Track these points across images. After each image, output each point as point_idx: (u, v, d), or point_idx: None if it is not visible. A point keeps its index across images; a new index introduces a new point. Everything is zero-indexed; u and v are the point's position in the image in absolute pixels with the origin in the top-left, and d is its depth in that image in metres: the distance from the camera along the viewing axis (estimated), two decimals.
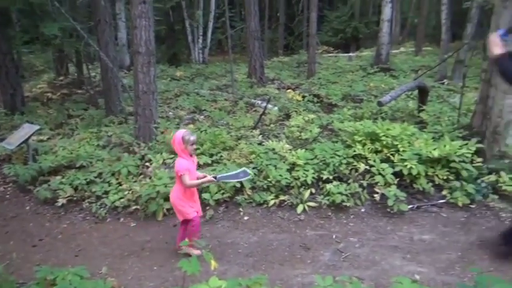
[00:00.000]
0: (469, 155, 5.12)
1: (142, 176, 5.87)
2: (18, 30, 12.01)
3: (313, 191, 5.19)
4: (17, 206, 5.73)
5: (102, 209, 5.29)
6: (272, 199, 5.12)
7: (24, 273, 3.82)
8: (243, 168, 4.11)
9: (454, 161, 5.05)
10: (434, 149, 5.15)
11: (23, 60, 17.21)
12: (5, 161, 6.83)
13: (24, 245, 4.70)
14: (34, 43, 18.21)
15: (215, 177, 4.01)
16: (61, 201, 5.53)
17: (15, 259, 4.08)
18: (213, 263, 3.10)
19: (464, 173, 4.97)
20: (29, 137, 6.52)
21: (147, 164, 6.12)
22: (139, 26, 6.52)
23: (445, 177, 5.06)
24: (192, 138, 3.98)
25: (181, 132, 4.01)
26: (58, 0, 9.35)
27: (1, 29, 9.35)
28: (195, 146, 4.07)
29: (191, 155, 4.06)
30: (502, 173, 4.94)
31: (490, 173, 5.05)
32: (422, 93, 7.20)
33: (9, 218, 5.41)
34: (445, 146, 5.16)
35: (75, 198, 5.63)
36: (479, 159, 5.19)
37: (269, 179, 5.28)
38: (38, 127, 6.88)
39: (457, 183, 4.94)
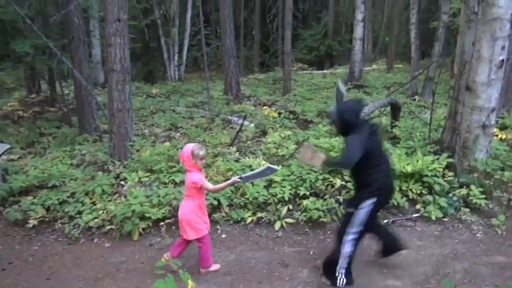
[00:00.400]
0: (441, 170, 5.28)
1: (117, 195, 5.76)
2: None
3: (291, 207, 5.21)
4: None
5: (75, 230, 5.15)
6: (249, 216, 5.11)
7: None
8: (267, 165, 3.87)
9: (426, 176, 5.19)
10: (408, 164, 5.29)
11: None
12: None
13: None
14: (5, 60, 17.81)
15: (240, 178, 3.87)
16: (32, 222, 5.34)
17: None
18: (190, 283, 3.06)
19: (437, 187, 5.11)
20: None
21: (122, 182, 6.01)
22: (114, 43, 6.48)
23: (418, 192, 5.19)
24: (202, 152, 3.88)
25: (190, 146, 3.91)
26: (30, 17, 9.21)
27: None
28: (204, 161, 3.99)
29: (200, 170, 3.97)
30: (472, 187, 5.11)
31: (461, 187, 5.22)
32: (395, 110, 7.41)
33: None
34: (417, 161, 5.31)
35: (47, 219, 5.45)
36: (451, 174, 5.36)
37: (246, 196, 5.28)
38: (8, 146, 6.67)
39: (430, 198, 5.07)
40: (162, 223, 5.06)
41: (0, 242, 5.16)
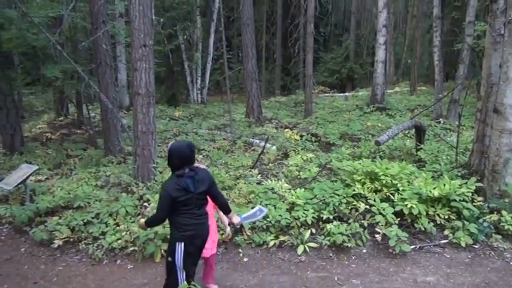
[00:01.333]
0: (469, 194, 5.11)
1: (140, 216, 5.79)
2: (20, 72, 12.24)
3: (314, 231, 5.12)
4: (11, 248, 5.61)
5: (98, 251, 5.18)
6: (272, 240, 5.04)
7: None
8: (258, 207, 4.00)
9: (454, 200, 5.04)
10: (434, 188, 5.15)
11: (24, 101, 17.42)
12: (1, 202, 6.74)
13: None
14: (35, 84, 18.52)
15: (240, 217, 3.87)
16: (57, 242, 5.41)
17: None
18: None
19: (466, 213, 4.94)
20: (27, 178, 6.47)
21: (146, 204, 6.05)
22: (139, 68, 6.66)
23: (446, 217, 5.03)
24: None
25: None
26: (60, 44, 9.60)
27: (3, 71, 9.52)
28: None
29: None
30: (504, 212, 4.92)
31: (491, 212, 5.03)
32: (419, 132, 7.29)
33: (3, 261, 5.27)
34: (444, 185, 5.16)
35: (71, 240, 5.52)
36: (480, 198, 5.19)
37: (268, 219, 5.22)
38: (36, 167, 6.85)
39: (458, 223, 4.90)
40: None
41: (26, 262, 5.23)
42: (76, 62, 9.30)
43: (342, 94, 20.13)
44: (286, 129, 10.95)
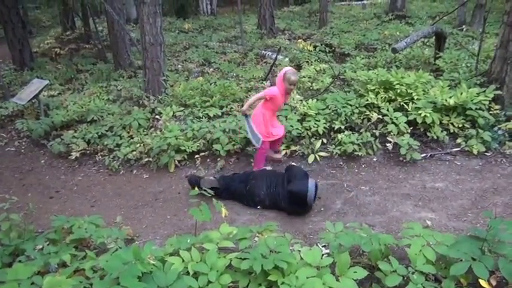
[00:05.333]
0: (486, 102, 4.97)
1: (152, 129, 5.88)
2: None
3: (325, 141, 5.13)
4: (32, 160, 5.83)
5: (115, 162, 5.35)
6: (283, 149, 5.09)
7: (42, 223, 3.92)
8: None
9: (470, 109, 4.91)
10: (450, 97, 5.00)
11: (30, 16, 16.96)
12: (17, 117, 6.87)
13: (41, 196, 4.82)
14: None
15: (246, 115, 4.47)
16: (74, 154, 5.60)
17: (33, 210, 4.18)
18: (224, 211, 3.13)
19: (481, 121, 4.83)
20: (39, 92, 6.51)
21: (157, 117, 6.10)
22: None
23: (460, 125, 4.95)
24: (293, 78, 4.26)
25: (287, 69, 4.36)
26: None
27: None
28: (292, 87, 4.36)
29: (287, 93, 4.42)
30: None
31: (507, 120, 4.91)
32: (439, 40, 6.92)
33: (25, 172, 5.52)
34: (461, 93, 5.00)
35: (88, 152, 5.69)
36: (497, 107, 5.05)
37: None
38: (47, 82, 6.85)
39: (472, 131, 4.82)
40: (197, 156, 5.16)
41: (47, 173, 5.47)
42: None
43: (360, 2, 18.94)
44: (300, 40, 10.53)
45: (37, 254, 2.67)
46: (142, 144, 5.44)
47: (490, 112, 4.96)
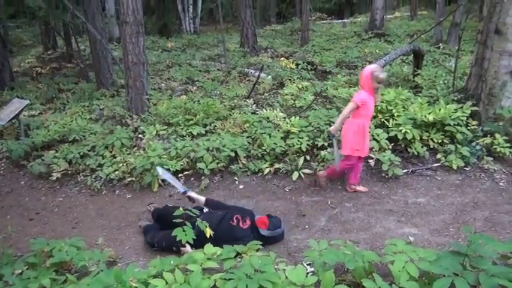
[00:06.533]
0: (464, 118, 5.11)
1: (136, 148, 5.83)
2: (3, 2, 11.65)
3: (308, 158, 5.18)
4: (11, 181, 5.71)
5: (97, 182, 5.27)
6: (267, 167, 5.11)
7: (22, 246, 3.83)
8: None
9: (449, 125, 5.03)
10: (429, 113, 5.13)
11: (10, 35, 16.79)
12: None
13: (21, 219, 4.71)
14: (20, 17, 17.72)
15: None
16: (55, 175, 5.50)
17: (12, 233, 4.08)
18: (208, 231, 3.12)
19: (459, 136, 4.96)
20: (20, 112, 6.41)
21: (140, 136, 6.06)
22: None
23: (440, 141, 5.06)
24: (381, 76, 4.08)
25: (373, 67, 4.17)
26: None
27: None
28: (382, 85, 4.20)
29: (373, 92, 4.16)
30: (497, 135, 4.93)
31: (485, 136, 5.05)
32: (418, 57, 7.12)
33: (4, 193, 5.39)
34: (440, 109, 5.13)
35: (69, 172, 5.60)
36: (475, 122, 5.18)
37: (263, 148, 5.26)
38: (28, 102, 6.75)
39: (451, 147, 4.94)
40: (180, 175, 5.13)
41: (26, 194, 5.35)
42: None
43: (340, 21, 19.40)
44: (282, 58, 10.69)
45: (16, 279, 2.60)
46: (125, 164, 5.39)
47: (468, 128, 5.10)
